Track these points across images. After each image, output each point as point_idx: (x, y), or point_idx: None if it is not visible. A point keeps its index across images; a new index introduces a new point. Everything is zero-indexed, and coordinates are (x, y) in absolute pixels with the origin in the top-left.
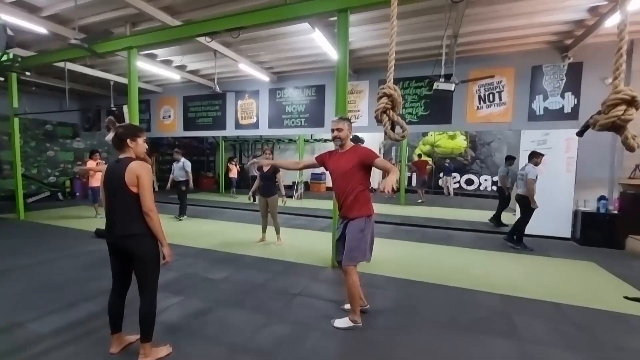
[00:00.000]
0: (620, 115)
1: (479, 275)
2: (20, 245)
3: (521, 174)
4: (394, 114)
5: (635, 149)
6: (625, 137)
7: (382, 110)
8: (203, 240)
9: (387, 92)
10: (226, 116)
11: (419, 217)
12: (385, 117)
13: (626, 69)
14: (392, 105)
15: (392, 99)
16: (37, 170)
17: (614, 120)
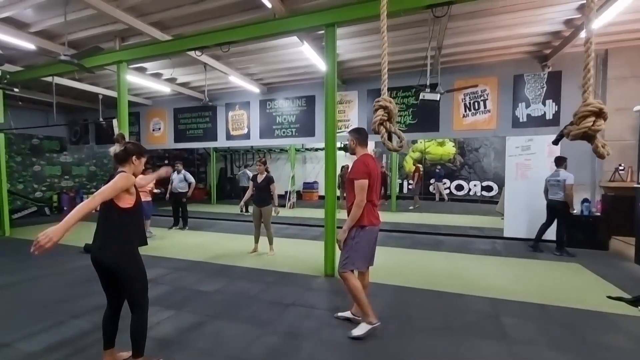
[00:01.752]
0: (590, 126)
1: (469, 280)
2: (5, 262)
3: (555, 179)
4: (391, 125)
5: (605, 157)
6: (595, 145)
7: (379, 122)
8: (194, 252)
9: (382, 104)
10: (217, 127)
11: (409, 224)
12: (382, 129)
13: (602, 77)
14: (388, 117)
15: (388, 111)
16: (23, 186)
17: (584, 130)
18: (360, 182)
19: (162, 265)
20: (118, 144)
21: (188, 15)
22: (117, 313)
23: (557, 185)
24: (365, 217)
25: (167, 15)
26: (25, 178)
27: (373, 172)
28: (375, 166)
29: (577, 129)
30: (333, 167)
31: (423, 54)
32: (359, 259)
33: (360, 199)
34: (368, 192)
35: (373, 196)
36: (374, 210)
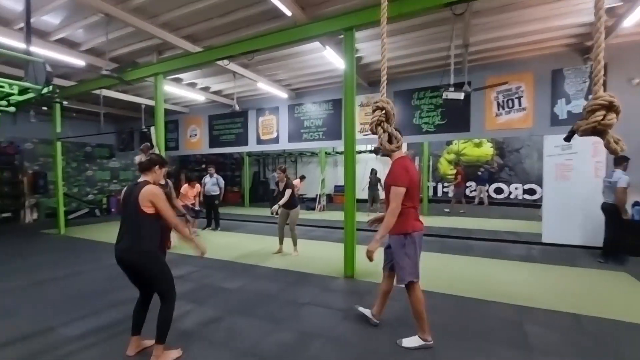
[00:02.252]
0: (599, 120)
1: (496, 286)
2: (58, 258)
3: (608, 180)
4: (388, 126)
5: (618, 153)
6: (607, 141)
7: (376, 122)
8: (223, 252)
9: (380, 105)
10: (248, 132)
11: (440, 228)
12: (380, 129)
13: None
14: (386, 118)
15: (385, 112)
16: (77, 189)
17: (594, 125)
18: (398, 190)
19: (192, 264)
20: (143, 154)
21: (216, 28)
22: (146, 304)
23: (609, 187)
24: (410, 224)
25: (198, 28)
26: (80, 182)
27: (413, 178)
28: (415, 170)
29: (586, 124)
30: (352, 170)
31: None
32: (413, 269)
33: (394, 205)
34: (408, 198)
35: (414, 200)
36: (416, 215)
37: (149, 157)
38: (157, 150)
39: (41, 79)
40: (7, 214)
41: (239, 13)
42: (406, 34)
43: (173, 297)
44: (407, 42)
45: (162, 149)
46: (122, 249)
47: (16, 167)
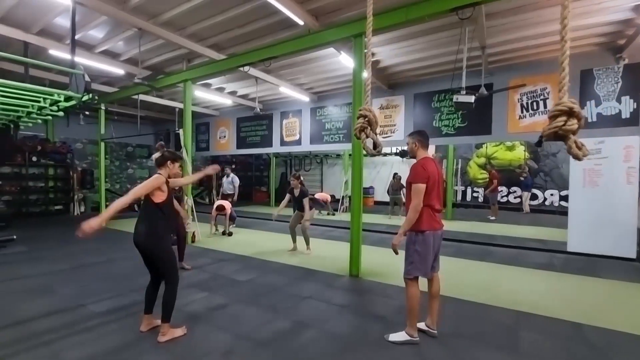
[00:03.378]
0: (560, 126)
1: (502, 292)
2: (96, 247)
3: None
4: (370, 132)
5: (581, 158)
6: (569, 146)
7: (359, 129)
8: (241, 247)
9: (362, 113)
10: (272, 134)
11: (460, 232)
12: (363, 135)
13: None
14: (369, 124)
15: (368, 119)
16: (119, 185)
17: (555, 131)
18: (417, 186)
19: (209, 256)
20: (158, 152)
21: (237, 37)
22: (156, 286)
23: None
24: (424, 222)
25: (221, 38)
26: (121, 179)
27: (432, 176)
28: (436, 170)
29: (547, 129)
30: (359, 172)
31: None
32: (421, 265)
33: (416, 202)
34: (427, 196)
35: (433, 200)
36: (434, 214)
37: (162, 154)
38: (184, 151)
39: (81, 88)
40: (59, 207)
41: (257, 23)
42: (422, 37)
43: (175, 280)
44: (423, 45)
45: (189, 149)
46: (135, 233)
47: (68, 164)
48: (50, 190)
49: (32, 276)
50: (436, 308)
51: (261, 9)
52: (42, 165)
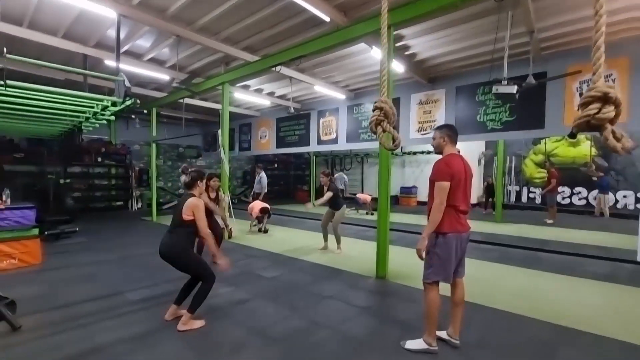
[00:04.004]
0: (593, 114)
1: (545, 303)
2: (144, 239)
3: None
4: (388, 125)
5: (619, 150)
6: (605, 137)
7: (375, 122)
8: (274, 245)
9: (378, 105)
10: (310, 133)
11: (505, 236)
12: (379, 129)
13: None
14: (385, 117)
15: (384, 112)
16: (171, 184)
17: (587, 120)
18: (440, 184)
19: (242, 253)
20: (185, 174)
21: (269, 38)
22: (193, 285)
23: None
24: (446, 224)
25: (254, 40)
26: (173, 178)
27: (457, 174)
28: (462, 167)
29: (578, 119)
30: (386, 170)
31: (515, 42)
32: (442, 269)
33: (439, 201)
34: (451, 195)
35: (458, 200)
36: (458, 216)
37: (190, 176)
38: (222, 150)
39: (122, 94)
40: (120, 203)
41: (286, 23)
42: (461, 25)
43: (210, 279)
44: (463, 33)
45: (226, 149)
46: (161, 243)
47: (127, 165)
48: (112, 187)
49: (85, 264)
50: (460, 316)
51: (288, 9)
52: (106, 165)
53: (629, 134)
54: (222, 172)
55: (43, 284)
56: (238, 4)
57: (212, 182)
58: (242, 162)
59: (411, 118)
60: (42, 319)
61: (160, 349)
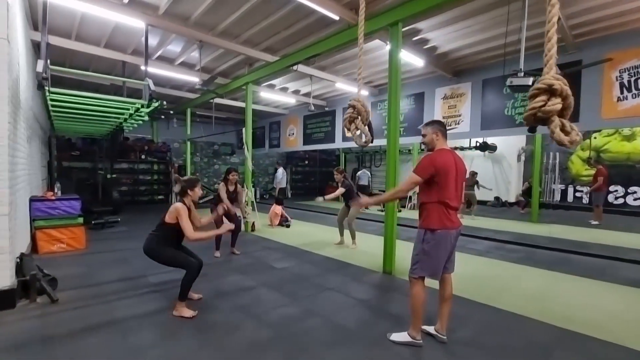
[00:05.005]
0: (539, 107)
1: (556, 306)
2: None
3: None
4: (359, 123)
5: (566, 144)
6: (551, 130)
7: (348, 119)
8: (293, 238)
9: (351, 103)
10: (335, 130)
11: (537, 236)
12: (352, 126)
13: None
14: (358, 115)
15: (357, 110)
16: (207, 179)
17: (533, 113)
18: (411, 176)
19: (260, 244)
20: (177, 184)
21: (285, 39)
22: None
23: None
24: (435, 220)
25: (271, 41)
26: (209, 174)
27: (443, 170)
28: (452, 162)
29: (526, 112)
30: (394, 166)
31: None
32: (429, 265)
33: (401, 188)
34: (441, 191)
35: (448, 196)
36: (448, 212)
37: (180, 186)
38: (246, 147)
39: (147, 96)
40: (161, 197)
41: (300, 23)
42: (482, 15)
43: (190, 268)
44: (484, 23)
45: (249, 146)
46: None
47: (167, 161)
48: (154, 182)
49: (121, 250)
50: (447, 312)
51: (300, 9)
52: (149, 162)
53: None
54: (245, 168)
55: (83, 265)
56: (252, 8)
57: (231, 176)
58: (274, 158)
59: (435, 113)
60: (76, 294)
61: (164, 326)
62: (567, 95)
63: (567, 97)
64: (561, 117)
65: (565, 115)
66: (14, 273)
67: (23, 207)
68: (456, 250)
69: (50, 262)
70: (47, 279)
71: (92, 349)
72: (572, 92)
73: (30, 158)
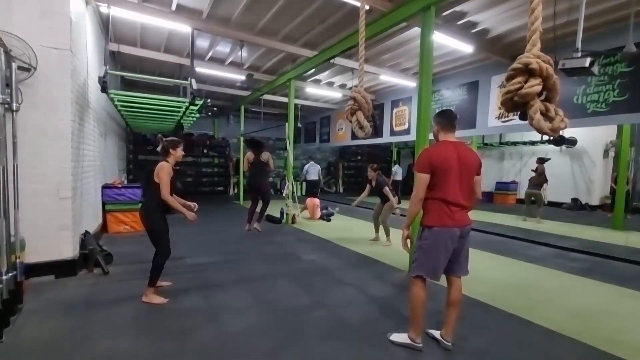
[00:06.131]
0: (515, 89)
1: (608, 328)
2: (224, 220)
3: None
4: (361, 115)
5: (546, 131)
6: (529, 117)
7: (350, 111)
8: (329, 232)
9: (352, 95)
10: (382, 124)
11: (613, 246)
12: (354, 118)
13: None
14: (359, 107)
15: (357, 102)
16: None
17: (510, 97)
18: (418, 176)
19: (294, 236)
20: (160, 142)
21: (322, 33)
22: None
23: None
24: (432, 217)
25: (309, 36)
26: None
27: (441, 164)
28: (453, 156)
29: (502, 95)
30: None
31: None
32: (427, 264)
33: (414, 193)
34: (439, 187)
35: (447, 192)
36: (448, 209)
37: (162, 145)
38: (288, 142)
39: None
40: (221, 188)
41: (335, 16)
42: None
43: (163, 252)
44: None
45: (291, 140)
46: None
47: (226, 155)
48: (215, 175)
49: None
50: (453, 318)
51: (331, 2)
52: (210, 156)
53: None
54: (287, 162)
55: (138, 245)
56: (286, 4)
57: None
58: (327, 153)
59: (491, 103)
60: (124, 269)
61: (183, 302)
62: (549, 75)
63: (549, 78)
64: (546, 102)
65: (551, 99)
66: (77, 247)
67: (94, 193)
68: (502, 254)
69: (115, 240)
70: (103, 254)
71: (119, 316)
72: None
73: (105, 151)
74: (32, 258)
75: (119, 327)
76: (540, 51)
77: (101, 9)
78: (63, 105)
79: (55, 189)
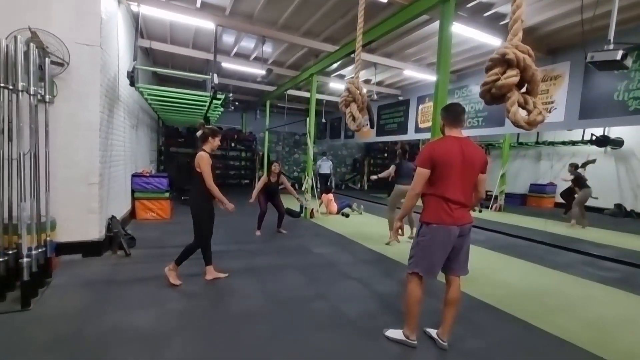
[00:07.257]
0: (492, 81)
1: (627, 340)
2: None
3: None
4: (355, 107)
5: (522, 124)
6: (507, 109)
7: (344, 103)
8: (346, 228)
9: (346, 86)
10: (408, 121)
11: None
12: (348, 110)
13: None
14: (353, 99)
15: (352, 94)
16: (287, 167)
17: (487, 88)
18: (418, 170)
19: (311, 230)
20: (201, 129)
21: (342, 27)
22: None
23: None
24: (430, 213)
25: (330, 31)
26: (289, 162)
27: (443, 160)
28: (457, 152)
29: (480, 88)
30: None
31: None
32: (423, 261)
33: (411, 187)
34: (439, 183)
35: (447, 189)
36: (448, 206)
37: (203, 131)
38: (308, 137)
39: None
40: (247, 180)
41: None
42: None
43: (200, 241)
44: None
45: (312, 135)
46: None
47: (253, 149)
48: (242, 167)
49: None
50: (451, 317)
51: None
52: (237, 150)
53: None
54: (307, 156)
55: (161, 231)
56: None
57: (272, 167)
58: (353, 150)
59: None
60: (145, 253)
61: (195, 285)
62: (527, 66)
63: (527, 69)
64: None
65: (532, 91)
66: (103, 229)
67: (123, 181)
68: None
69: (141, 226)
70: (127, 238)
71: (133, 294)
72: None
73: (136, 141)
74: (62, 237)
75: (131, 304)
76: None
77: (132, 7)
78: (93, 98)
79: (85, 174)
